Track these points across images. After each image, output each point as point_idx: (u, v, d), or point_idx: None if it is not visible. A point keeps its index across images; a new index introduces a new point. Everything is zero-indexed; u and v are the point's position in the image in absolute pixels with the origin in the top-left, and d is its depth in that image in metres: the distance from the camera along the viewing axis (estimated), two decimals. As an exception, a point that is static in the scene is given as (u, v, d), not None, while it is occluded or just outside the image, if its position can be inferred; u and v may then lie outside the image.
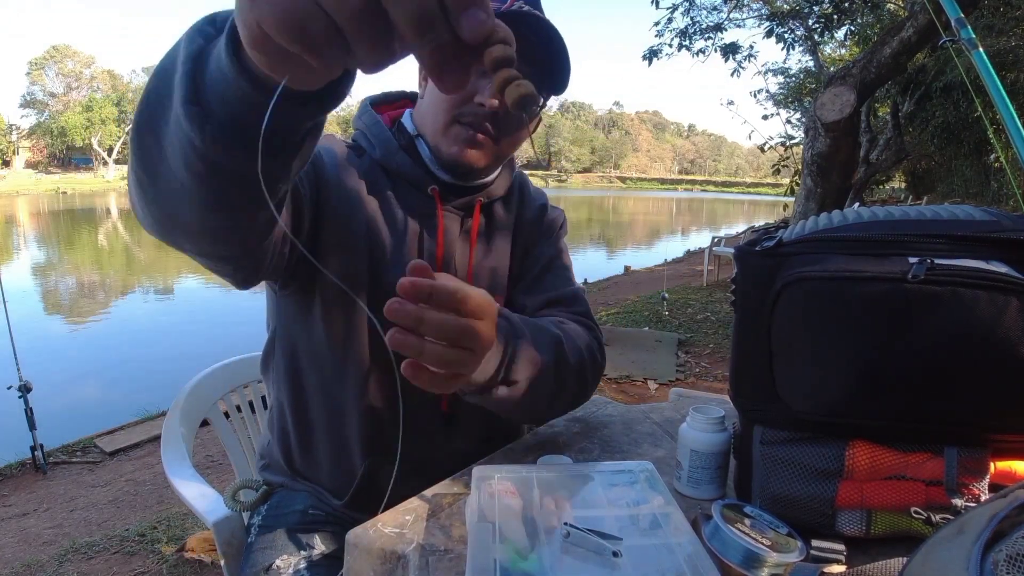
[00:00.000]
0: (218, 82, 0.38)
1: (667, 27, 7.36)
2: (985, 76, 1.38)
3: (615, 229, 23.40)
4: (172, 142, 0.43)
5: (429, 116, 0.83)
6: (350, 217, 0.80)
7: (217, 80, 0.38)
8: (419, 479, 0.72)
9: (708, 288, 7.15)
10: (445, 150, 0.82)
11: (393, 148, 0.85)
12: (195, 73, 0.39)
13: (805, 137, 4.52)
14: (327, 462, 0.87)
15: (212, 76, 0.38)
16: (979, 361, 0.53)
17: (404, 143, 0.86)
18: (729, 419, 0.71)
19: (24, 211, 25.63)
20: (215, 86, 0.38)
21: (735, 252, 0.65)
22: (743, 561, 0.53)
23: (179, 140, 0.42)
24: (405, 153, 0.85)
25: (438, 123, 0.81)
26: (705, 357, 4.32)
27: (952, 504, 0.56)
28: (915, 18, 3.92)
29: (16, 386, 2.76)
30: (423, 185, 0.85)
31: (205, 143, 0.40)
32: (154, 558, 2.05)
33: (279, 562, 0.81)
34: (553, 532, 0.54)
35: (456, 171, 0.85)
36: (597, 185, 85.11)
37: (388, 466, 0.84)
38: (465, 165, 0.82)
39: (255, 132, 0.36)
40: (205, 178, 0.44)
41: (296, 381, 0.86)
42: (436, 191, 0.85)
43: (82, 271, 10.48)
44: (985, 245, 0.55)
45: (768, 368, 0.61)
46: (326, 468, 0.88)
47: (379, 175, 0.85)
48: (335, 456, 0.86)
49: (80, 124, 55.68)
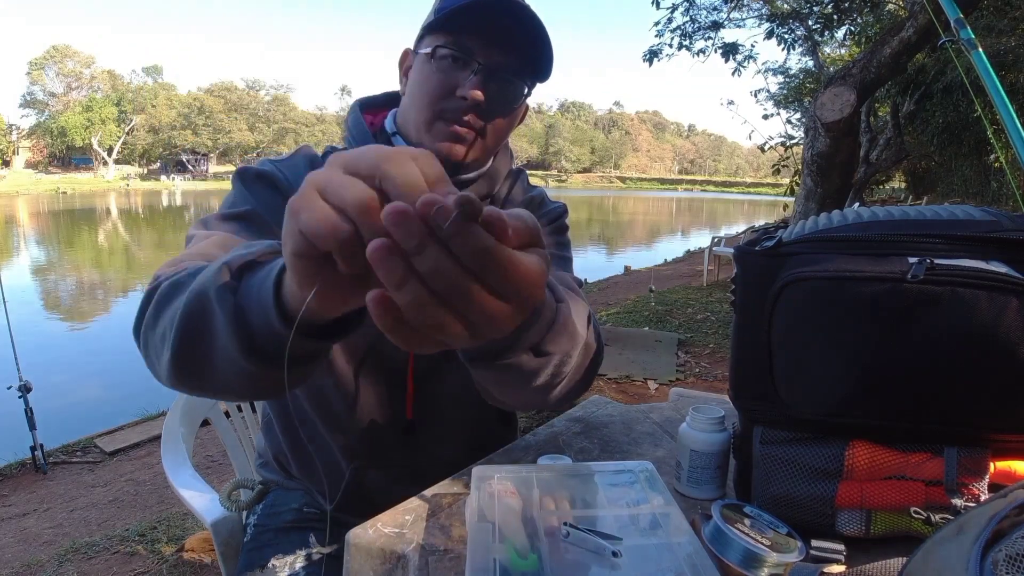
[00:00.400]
0: (268, 335, 0.44)
1: (667, 27, 7.36)
2: (985, 76, 1.38)
3: (615, 229, 23.41)
4: (221, 365, 0.49)
5: (412, 114, 0.81)
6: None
7: (266, 334, 0.44)
8: (412, 483, 0.72)
9: (708, 288, 7.15)
10: (429, 147, 0.80)
11: None
12: (242, 330, 0.45)
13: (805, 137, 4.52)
14: (316, 467, 0.88)
15: (259, 328, 0.44)
16: (979, 361, 0.53)
17: (383, 143, 0.84)
18: (729, 419, 0.71)
19: (24, 211, 25.64)
20: (264, 336, 0.44)
21: (735, 252, 0.65)
22: (743, 561, 0.53)
23: (231, 366, 0.48)
24: None
25: (421, 120, 0.79)
26: (705, 357, 4.32)
27: (952, 504, 0.56)
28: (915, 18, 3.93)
29: (16, 386, 2.77)
30: None
31: (260, 370, 0.46)
32: (154, 558, 2.05)
33: (275, 561, 0.81)
34: (553, 532, 0.54)
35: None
36: (597, 185, 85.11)
37: (373, 471, 0.85)
38: (450, 161, 0.80)
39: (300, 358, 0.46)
40: (251, 380, 0.49)
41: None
42: None
43: (82, 271, 10.49)
44: (985, 245, 0.55)
45: (768, 368, 0.61)
46: (316, 472, 0.88)
47: None
48: (322, 461, 0.86)
49: (80, 124, 55.65)
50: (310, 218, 0.32)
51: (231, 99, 62.76)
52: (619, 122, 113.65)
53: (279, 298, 0.42)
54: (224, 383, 0.51)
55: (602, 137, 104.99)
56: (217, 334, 0.46)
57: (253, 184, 0.79)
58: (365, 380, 0.82)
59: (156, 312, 0.54)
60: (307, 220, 0.32)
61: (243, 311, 0.44)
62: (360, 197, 0.31)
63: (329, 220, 0.32)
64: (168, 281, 0.55)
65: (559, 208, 0.96)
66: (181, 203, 33.28)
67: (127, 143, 59.27)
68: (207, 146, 60.58)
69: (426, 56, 0.77)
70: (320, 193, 0.33)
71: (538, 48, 0.77)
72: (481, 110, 0.77)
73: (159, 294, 0.54)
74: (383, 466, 0.85)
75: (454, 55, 0.75)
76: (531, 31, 0.75)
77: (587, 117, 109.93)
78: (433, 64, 0.76)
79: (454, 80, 0.76)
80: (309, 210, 0.32)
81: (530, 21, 0.74)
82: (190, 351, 0.49)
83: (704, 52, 7.56)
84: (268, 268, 0.44)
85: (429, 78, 0.77)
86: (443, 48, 0.75)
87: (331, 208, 0.32)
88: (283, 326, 0.41)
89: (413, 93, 0.80)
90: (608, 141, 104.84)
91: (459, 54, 0.75)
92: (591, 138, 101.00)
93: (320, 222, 0.32)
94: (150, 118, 58.99)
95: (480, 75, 0.75)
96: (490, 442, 0.87)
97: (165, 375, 0.53)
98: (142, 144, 59.55)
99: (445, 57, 0.75)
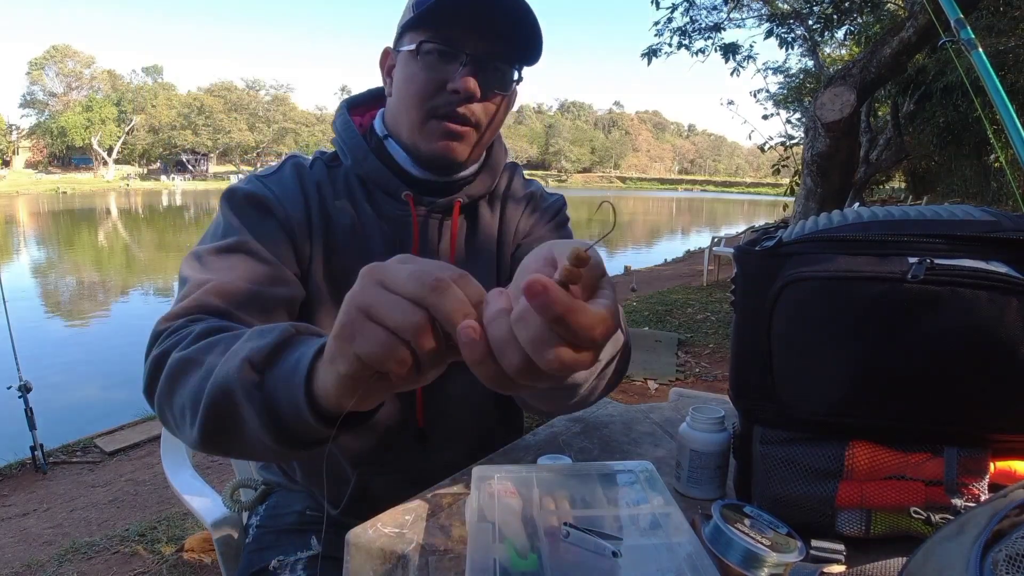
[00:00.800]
0: (300, 427, 0.46)
1: (667, 27, 7.36)
2: (985, 77, 1.38)
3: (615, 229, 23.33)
4: (252, 444, 0.50)
5: (402, 114, 0.78)
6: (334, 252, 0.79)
7: (298, 425, 0.45)
8: (418, 487, 0.72)
9: (708, 288, 7.15)
10: (425, 148, 0.78)
11: (362, 154, 0.81)
12: (273, 423, 0.47)
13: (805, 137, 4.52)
14: (320, 473, 0.87)
15: (290, 421, 0.46)
16: (979, 361, 0.53)
17: (374, 146, 0.82)
18: (729, 419, 0.71)
19: (24, 211, 25.62)
20: (297, 428, 0.46)
21: (735, 252, 0.65)
22: (743, 561, 0.53)
23: (261, 446, 0.50)
24: (376, 157, 0.81)
25: (413, 120, 0.77)
26: (705, 357, 4.32)
27: (952, 504, 0.56)
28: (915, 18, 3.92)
29: (16, 386, 2.76)
30: (397, 192, 0.81)
31: (291, 451, 0.49)
32: (154, 558, 2.05)
33: (276, 563, 0.81)
34: (553, 532, 0.54)
35: (439, 167, 0.81)
36: (597, 185, 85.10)
37: (378, 477, 0.84)
38: (449, 159, 0.78)
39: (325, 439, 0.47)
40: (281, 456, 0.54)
41: None
42: (410, 197, 0.80)
43: (82, 271, 10.49)
44: (985, 245, 0.55)
45: (768, 368, 0.61)
46: (320, 478, 0.88)
47: (355, 185, 0.82)
48: (327, 468, 0.86)
49: (80, 124, 55.66)
50: (368, 344, 0.35)
51: (231, 99, 62.80)
52: (619, 122, 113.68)
53: (309, 394, 0.43)
54: (253, 455, 0.55)
55: (602, 137, 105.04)
56: (247, 422, 0.48)
57: (243, 209, 0.76)
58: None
59: (170, 387, 0.55)
60: (366, 347, 0.35)
61: (274, 407, 0.46)
62: (416, 323, 0.35)
63: (388, 345, 0.35)
64: (179, 354, 0.55)
65: (559, 201, 0.95)
66: (181, 203, 33.28)
67: (127, 143, 59.30)
68: (207, 146, 60.60)
69: (410, 53, 0.75)
70: (367, 315, 0.36)
71: (524, 31, 0.74)
72: (474, 102, 0.75)
73: (170, 368, 0.55)
74: (390, 472, 0.85)
75: (440, 49, 0.73)
76: (515, 15, 0.73)
77: (587, 117, 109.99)
78: (419, 61, 0.74)
79: (443, 74, 0.74)
80: (363, 336, 0.35)
81: (513, 5, 0.72)
82: (219, 436, 0.51)
83: (704, 52, 7.56)
84: (293, 362, 0.45)
85: (416, 75, 0.75)
86: (428, 43, 0.73)
87: (385, 332, 0.35)
88: (316, 420, 0.44)
89: (401, 93, 0.78)
90: (608, 141, 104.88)
91: (445, 47, 0.73)
92: (591, 138, 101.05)
93: (380, 347, 0.35)
94: (150, 118, 59.02)
95: (469, 66, 0.73)
96: (495, 444, 0.87)
97: (192, 444, 0.55)
98: (142, 144, 59.58)
99: (431, 52, 0.73)
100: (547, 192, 0.95)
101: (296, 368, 0.44)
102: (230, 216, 0.75)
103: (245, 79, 75.05)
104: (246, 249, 0.72)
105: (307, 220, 0.78)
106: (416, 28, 0.74)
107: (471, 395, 0.85)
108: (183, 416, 0.54)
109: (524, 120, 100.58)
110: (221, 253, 0.71)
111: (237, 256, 0.71)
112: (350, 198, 0.81)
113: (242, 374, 0.47)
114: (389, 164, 0.81)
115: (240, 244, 0.72)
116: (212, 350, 0.53)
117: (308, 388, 0.43)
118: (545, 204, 0.93)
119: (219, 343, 0.54)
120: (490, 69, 0.75)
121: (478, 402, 0.87)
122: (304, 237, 0.77)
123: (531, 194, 0.92)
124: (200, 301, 0.64)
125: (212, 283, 0.66)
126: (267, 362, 0.47)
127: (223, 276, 0.68)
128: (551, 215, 0.92)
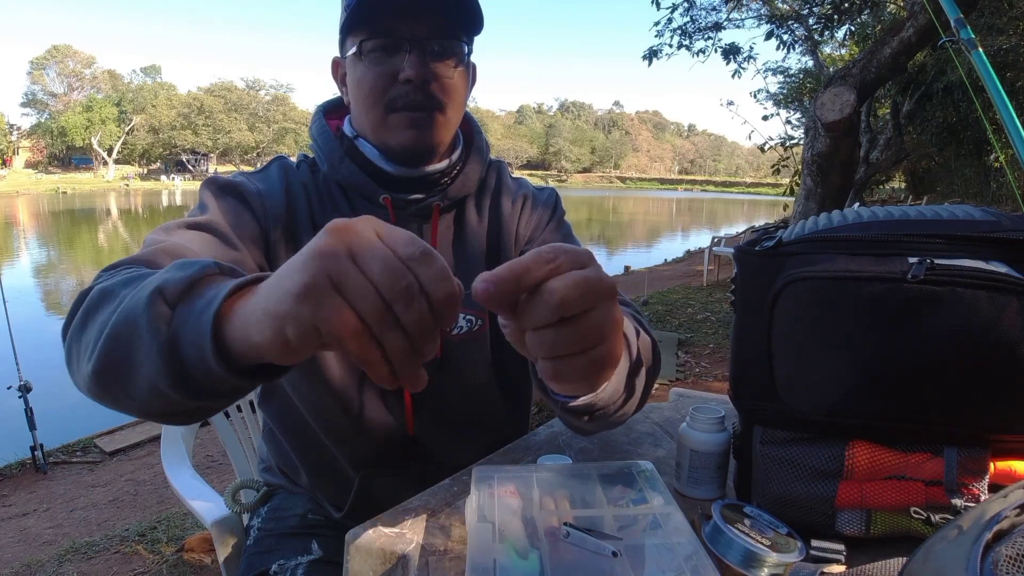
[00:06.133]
0: (201, 372, 0.41)
1: (667, 27, 7.36)
2: (985, 76, 1.38)
3: (615, 229, 23.40)
4: (144, 388, 0.45)
5: (363, 116, 0.78)
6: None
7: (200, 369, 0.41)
8: (416, 490, 0.72)
9: (708, 288, 7.14)
10: (393, 143, 0.77)
11: (337, 159, 0.80)
12: (173, 362, 0.42)
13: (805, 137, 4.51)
14: (322, 475, 0.87)
15: (192, 363, 0.41)
16: (979, 361, 0.53)
17: (347, 147, 0.81)
18: (729, 419, 0.71)
19: (24, 211, 25.63)
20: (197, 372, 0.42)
21: (735, 252, 0.65)
22: (743, 561, 0.53)
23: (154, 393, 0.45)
24: (351, 160, 0.80)
25: (375, 120, 0.76)
26: (705, 357, 4.32)
27: (952, 504, 0.56)
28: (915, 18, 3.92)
29: (16, 386, 2.77)
30: (375, 196, 0.80)
31: (185, 400, 0.44)
32: (154, 558, 2.05)
33: (276, 566, 0.81)
34: (553, 532, 0.54)
35: (414, 158, 0.79)
36: (597, 185, 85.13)
37: (381, 479, 0.84)
38: (421, 148, 0.77)
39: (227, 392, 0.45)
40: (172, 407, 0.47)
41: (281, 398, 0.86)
42: (388, 200, 0.79)
43: (82, 271, 10.48)
44: (985, 245, 0.55)
45: (768, 368, 0.61)
46: (322, 481, 0.87)
47: (334, 191, 0.81)
48: (330, 470, 0.85)
49: (80, 124, 55.64)
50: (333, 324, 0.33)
51: (231, 99, 62.72)
52: (619, 122, 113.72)
53: (218, 337, 0.39)
54: (142, 407, 0.48)
55: (602, 137, 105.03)
56: (144, 361, 0.44)
57: (219, 194, 0.76)
58: (365, 397, 0.81)
59: (84, 319, 0.51)
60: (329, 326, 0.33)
61: (177, 345, 0.42)
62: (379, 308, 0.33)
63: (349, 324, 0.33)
64: (100, 286, 0.51)
65: (552, 196, 0.94)
66: (181, 203, 33.28)
67: (127, 143, 59.25)
68: (207, 146, 60.54)
69: (355, 56, 0.75)
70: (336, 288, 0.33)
71: (457, 2, 0.73)
72: (430, 86, 0.74)
73: (90, 299, 0.51)
74: (391, 475, 0.84)
75: (381, 43, 0.73)
76: None
77: (587, 117, 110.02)
78: (365, 60, 0.74)
79: (391, 67, 0.73)
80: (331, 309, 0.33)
81: None
82: (112, 373, 0.47)
83: (704, 52, 7.57)
84: (206, 301, 0.41)
85: (366, 75, 0.75)
86: (368, 41, 0.73)
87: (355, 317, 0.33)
88: (219, 366, 0.39)
89: (357, 96, 0.78)
90: (608, 141, 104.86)
91: (385, 39, 0.73)
92: (591, 138, 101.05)
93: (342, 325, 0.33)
94: (150, 118, 58.97)
95: (414, 52, 0.73)
96: (500, 445, 0.86)
97: (83, 386, 0.51)
98: (142, 144, 59.53)
99: (373, 49, 0.73)
100: (538, 189, 0.95)
101: (207, 308, 0.40)
102: (206, 199, 0.75)
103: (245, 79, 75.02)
104: (212, 229, 0.71)
105: (289, 218, 0.78)
106: (353, 29, 0.75)
107: (465, 400, 0.85)
108: (87, 351, 0.49)
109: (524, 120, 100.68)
110: (188, 228, 0.70)
111: (203, 234, 0.70)
112: (332, 202, 0.81)
113: (151, 305, 0.43)
114: (365, 165, 0.80)
115: (208, 223, 0.71)
116: (132, 283, 0.48)
117: (218, 330, 0.39)
118: (541, 203, 0.92)
119: (142, 277, 0.48)
120: (436, 48, 0.74)
121: (474, 407, 0.87)
122: (281, 235, 0.77)
123: (525, 195, 0.91)
124: (147, 256, 0.61)
125: (166, 243, 0.63)
126: (181, 296, 0.42)
127: (181, 243, 0.66)
128: (549, 213, 0.91)
